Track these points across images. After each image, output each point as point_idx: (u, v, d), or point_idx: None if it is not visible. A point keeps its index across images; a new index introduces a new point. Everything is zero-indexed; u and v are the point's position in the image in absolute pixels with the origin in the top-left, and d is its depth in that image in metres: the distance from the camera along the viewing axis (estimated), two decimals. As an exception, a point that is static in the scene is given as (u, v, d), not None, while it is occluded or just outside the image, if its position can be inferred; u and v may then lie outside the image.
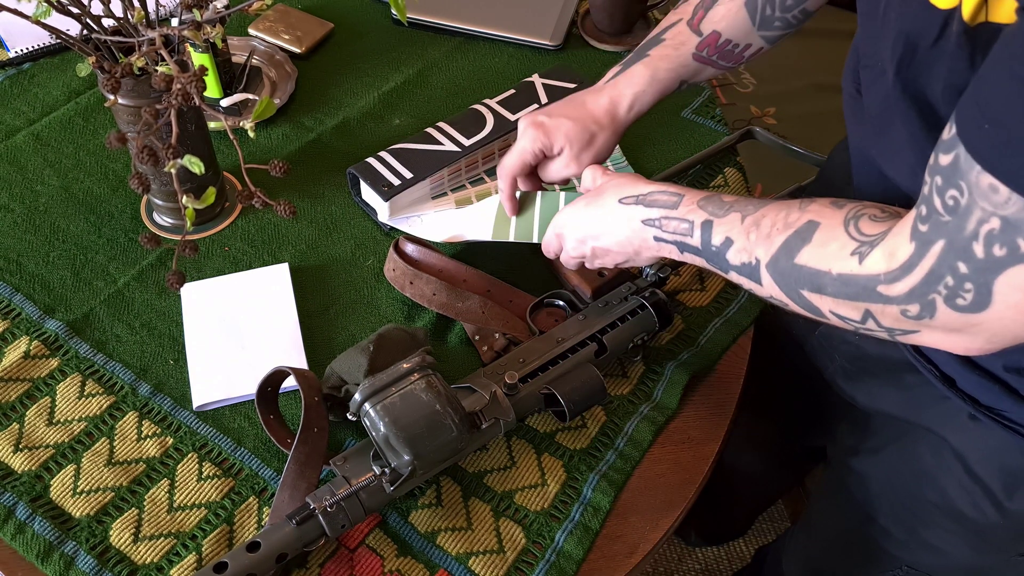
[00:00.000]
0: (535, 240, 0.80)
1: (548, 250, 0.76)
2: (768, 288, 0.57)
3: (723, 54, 0.79)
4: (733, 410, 0.79)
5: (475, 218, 0.84)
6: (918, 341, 0.51)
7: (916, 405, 0.71)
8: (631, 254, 0.69)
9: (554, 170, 0.79)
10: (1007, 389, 0.63)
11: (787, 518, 1.54)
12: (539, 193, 0.81)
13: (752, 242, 0.57)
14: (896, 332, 0.52)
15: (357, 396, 0.64)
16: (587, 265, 0.74)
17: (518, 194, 0.82)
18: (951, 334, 0.49)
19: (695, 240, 0.62)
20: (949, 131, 0.44)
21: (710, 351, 0.81)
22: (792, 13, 0.75)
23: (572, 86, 0.98)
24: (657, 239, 0.65)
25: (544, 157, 0.79)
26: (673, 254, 0.65)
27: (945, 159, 0.44)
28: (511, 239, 0.81)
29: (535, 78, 0.99)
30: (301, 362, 0.78)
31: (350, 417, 0.65)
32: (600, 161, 0.79)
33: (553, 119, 0.78)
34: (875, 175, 0.67)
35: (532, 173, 0.81)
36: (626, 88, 0.79)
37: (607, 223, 0.69)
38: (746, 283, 0.59)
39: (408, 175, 0.87)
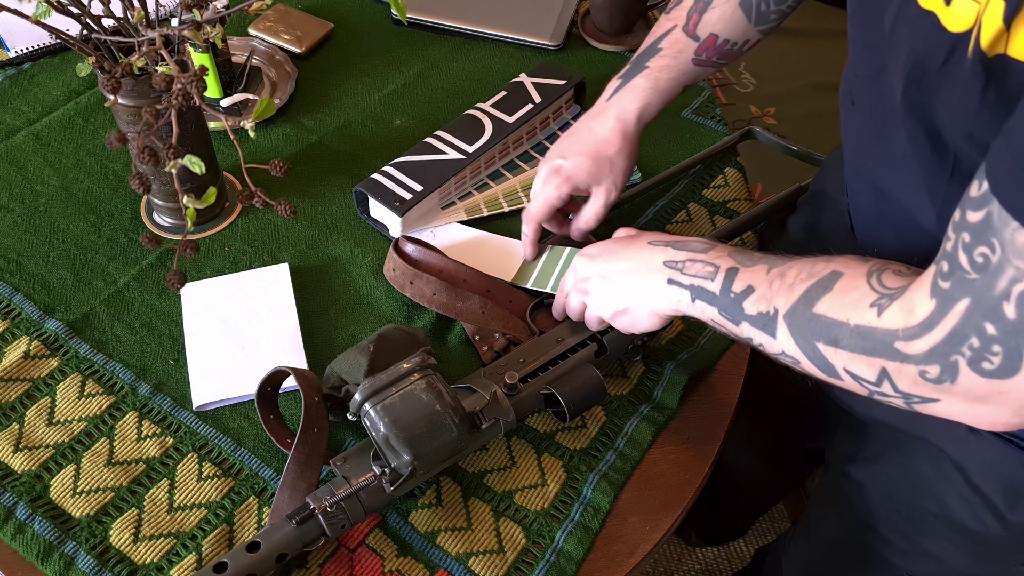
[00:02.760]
0: (548, 290, 0.81)
1: (562, 287, 0.76)
2: (782, 341, 0.55)
3: (722, 54, 0.79)
4: (733, 410, 0.79)
5: (496, 256, 0.86)
6: (937, 412, 0.49)
7: (913, 417, 0.71)
8: (632, 299, 0.67)
9: (587, 214, 0.80)
10: None
11: (787, 518, 1.54)
12: (568, 249, 0.83)
13: (773, 291, 0.56)
14: (913, 399, 0.49)
15: (357, 396, 0.64)
16: (580, 308, 0.73)
17: (550, 249, 0.84)
18: (974, 403, 0.46)
19: (715, 285, 0.60)
20: (979, 188, 0.42)
21: (710, 351, 0.81)
22: (787, 3, 0.75)
23: (561, 83, 0.98)
24: (671, 282, 0.63)
25: (570, 199, 0.80)
26: (680, 305, 0.63)
27: (975, 216, 0.42)
28: (528, 285, 0.83)
29: (523, 77, 0.99)
30: (301, 362, 0.78)
31: (350, 417, 0.65)
32: (626, 179, 0.80)
33: (570, 161, 0.78)
34: (869, 187, 0.67)
35: (555, 216, 0.82)
36: (630, 103, 0.78)
37: (624, 257, 0.68)
38: (757, 336, 0.57)
39: (418, 188, 0.87)
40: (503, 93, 0.98)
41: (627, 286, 0.67)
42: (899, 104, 0.54)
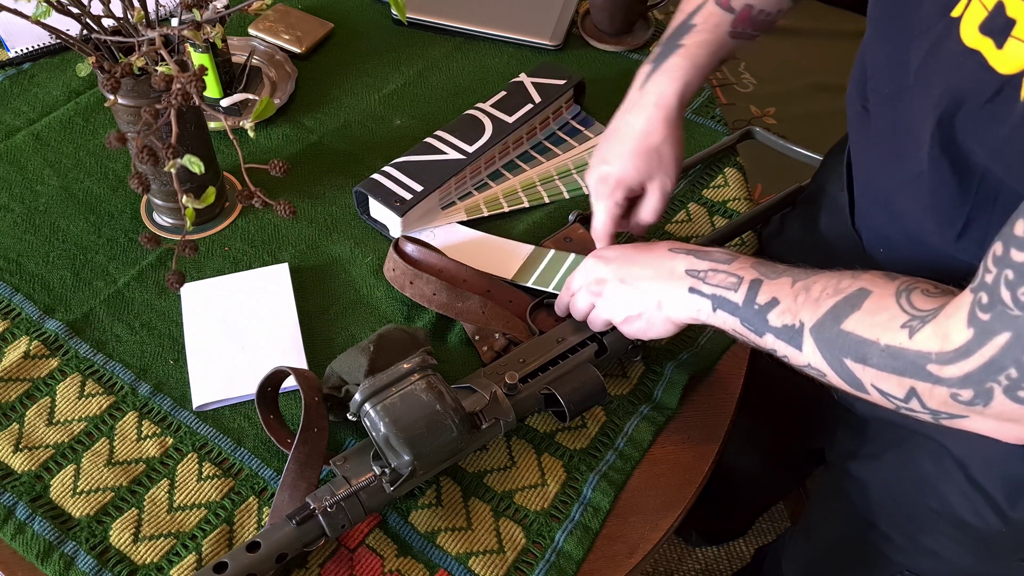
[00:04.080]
0: (550, 289, 0.81)
1: (568, 285, 0.74)
2: (808, 354, 0.55)
3: (756, 24, 0.75)
4: (733, 410, 0.79)
5: (497, 256, 0.85)
6: (964, 427, 0.50)
7: None
8: (648, 305, 0.65)
9: (646, 211, 0.77)
10: None
11: (787, 518, 1.54)
12: (573, 255, 0.83)
13: (799, 304, 0.56)
14: (941, 415, 0.50)
15: (357, 396, 0.64)
16: (588, 308, 0.71)
17: (551, 253, 0.84)
18: (1004, 423, 0.47)
19: (737, 296, 0.60)
20: None
21: (710, 351, 0.81)
22: None
23: (561, 83, 0.98)
24: (692, 291, 0.62)
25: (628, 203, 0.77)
26: (700, 314, 0.62)
27: (1021, 256, 0.43)
28: (529, 284, 0.83)
29: (523, 77, 0.99)
30: (301, 362, 0.78)
31: (350, 417, 0.65)
32: (678, 166, 0.76)
33: (616, 165, 0.75)
34: (879, 199, 0.67)
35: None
36: (668, 86, 0.74)
37: (643, 262, 0.66)
38: (781, 348, 0.57)
39: (418, 188, 0.87)
40: (503, 93, 0.98)
41: (645, 292, 0.66)
42: (924, 127, 0.54)
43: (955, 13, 0.50)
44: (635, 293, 0.67)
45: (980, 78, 0.47)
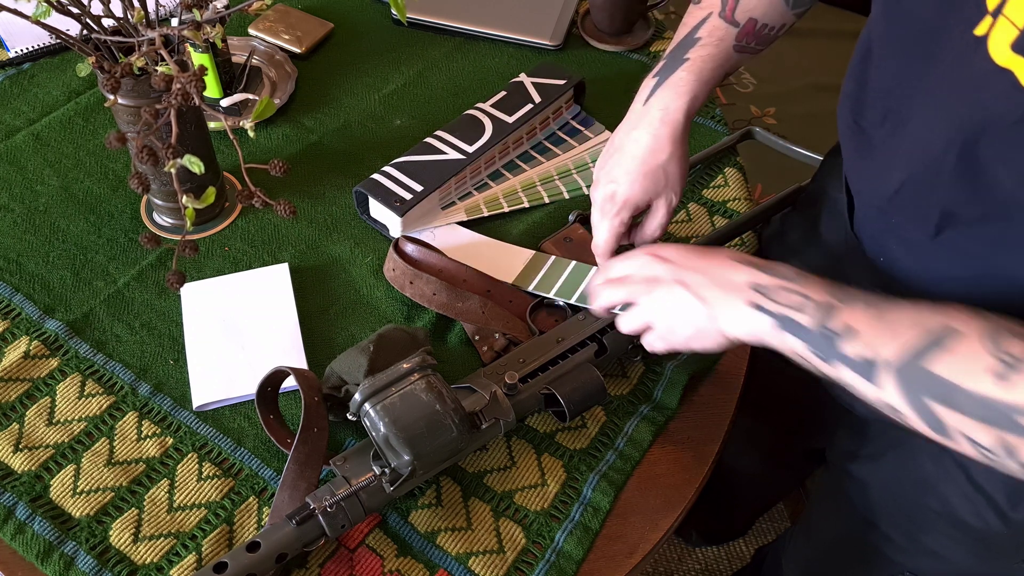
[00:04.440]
0: (551, 296, 0.81)
1: (605, 270, 0.71)
2: (886, 392, 0.52)
3: (760, 39, 0.75)
4: (733, 410, 0.79)
5: (497, 260, 0.85)
6: None
7: None
8: (702, 315, 0.61)
9: (651, 228, 0.76)
10: None
11: (787, 518, 1.54)
12: (573, 262, 0.83)
13: (877, 336, 0.53)
14: None
15: (357, 396, 0.64)
16: (619, 303, 0.68)
17: (552, 259, 0.83)
18: None
19: (806, 319, 0.56)
20: None
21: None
22: None
23: (561, 83, 0.98)
24: (756, 307, 0.58)
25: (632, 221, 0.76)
26: (760, 332, 0.58)
27: None
28: (530, 289, 0.82)
29: (523, 77, 0.99)
30: (301, 362, 0.78)
31: (350, 417, 0.65)
32: (683, 182, 0.75)
33: (623, 184, 0.73)
34: (876, 209, 0.66)
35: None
36: (674, 100, 0.73)
37: (703, 269, 0.62)
38: (852, 380, 0.54)
39: (418, 188, 0.87)
40: (503, 93, 0.98)
41: (702, 299, 0.61)
42: (939, 145, 0.53)
43: (979, 31, 0.48)
44: (691, 300, 0.62)
45: (1012, 97, 0.46)
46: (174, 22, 0.74)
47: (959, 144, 0.52)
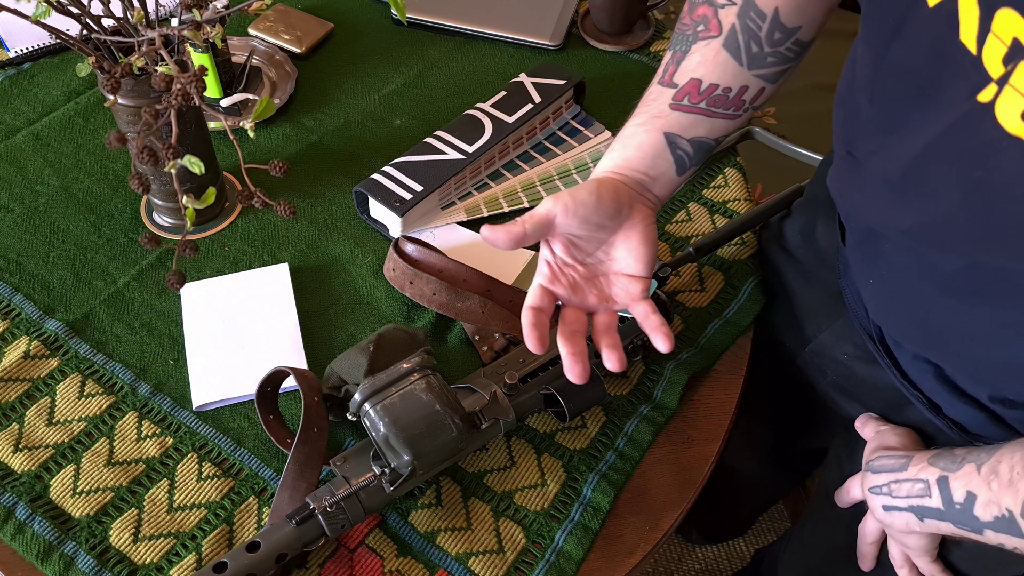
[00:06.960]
0: None
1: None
2: None
3: (712, 100, 0.69)
4: (733, 410, 0.79)
5: (497, 261, 0.85)
6: None
7: (909, 427, 0.71)
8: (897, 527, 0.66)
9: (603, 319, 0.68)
10: (993, 417, 0.63)
11: (787, 518, 1.54)
12: None
13: (995, 492, 0.54)
14: None
15: (357, 396, 0.64)
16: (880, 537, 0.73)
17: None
18: None
19: (935, 501, 0.58)
20: None
21: (710, 352, 0.81)
22: (784, 46, 0.70)
23: (561, 83, 0.98)
24: (887, 508, 0.62)
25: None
26: (911, 525, 0.61)
27: None
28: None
29: (523, 77, 0.99)
30: (301, 362, 0.78)
31: (350, 417, 0.65)
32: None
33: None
34: (867, 237, 0.66)
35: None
36: (603, 163, 0.69)
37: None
38: (1007, 540, 0.55)
39: (418, 188, 0.87)
40: (503, 93, 0.98)
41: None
42: (948, 197, 0.52)
43: (983, 98, 0.47)
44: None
45: (1022, 166, 0.46)
46: (174, 22, 0.74)
47: (961, 199, 0.51)
